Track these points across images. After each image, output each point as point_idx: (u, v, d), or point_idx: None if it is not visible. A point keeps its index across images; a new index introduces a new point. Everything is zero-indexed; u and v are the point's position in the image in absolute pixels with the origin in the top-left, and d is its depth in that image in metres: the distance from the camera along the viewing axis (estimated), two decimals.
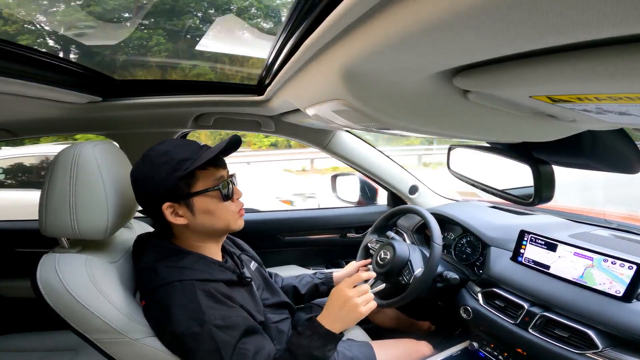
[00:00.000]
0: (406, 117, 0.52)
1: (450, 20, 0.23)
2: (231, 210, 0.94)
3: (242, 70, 1.46)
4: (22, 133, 1.46)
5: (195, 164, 0.85)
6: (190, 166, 0.85)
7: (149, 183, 0.87)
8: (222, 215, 0.92)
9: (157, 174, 0.86)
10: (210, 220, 0.91)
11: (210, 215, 0.91)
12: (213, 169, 0.90)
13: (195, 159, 0.86)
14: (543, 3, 0.18)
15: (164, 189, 0.86)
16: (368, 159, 1.71)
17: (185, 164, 0.85)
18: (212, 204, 0.91)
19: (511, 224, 1.31)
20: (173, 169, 0.85)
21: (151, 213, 0.92)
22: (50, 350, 1.50)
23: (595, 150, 0.61)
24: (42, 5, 1.10)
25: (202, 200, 0.89)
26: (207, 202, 0.90)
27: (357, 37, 0.35)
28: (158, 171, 0.86)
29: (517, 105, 0.41)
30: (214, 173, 0.90)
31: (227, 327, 0.83)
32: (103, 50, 1.32)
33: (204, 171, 0.89)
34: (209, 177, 0.90)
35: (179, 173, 0.85)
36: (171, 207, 0.88)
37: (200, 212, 0.90)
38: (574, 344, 0.91)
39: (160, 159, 0.86)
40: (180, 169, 0.85)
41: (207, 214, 0.91)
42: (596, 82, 0.26)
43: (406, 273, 1.23)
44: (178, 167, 0.85)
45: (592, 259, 0.96)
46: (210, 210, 0.91)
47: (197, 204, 0.89)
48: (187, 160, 0.86)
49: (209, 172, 0.90)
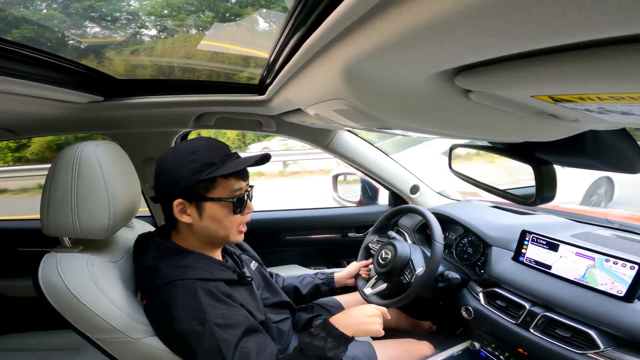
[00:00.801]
0: (407, 116, 0.52)
1: (452, 20, 0.23)
2: (237, 222, 0.95)
3: (244, 69, 1.46)
4: (24, 132, 1.46)
5: (220, 171, 0.86)
6: (214, 172, 0.86)
7: (171, 176, 0.88)
8: (227, 225, 0.93)
9: (181, 170, 0.87)
10: (214, 227, 0.92)
11: (216, 223, 0.92)
12: (234, 180, 0.91)
13: (222, 166, 0.87)
14: (545, 3, 0.18)
15: (183, 186, 0.87)
16: (369, 158, 1.71)
17: (210, 169, 0.86)
18: (222, 213, 0.91)
19: (513, 223, 1.31)
20: (197, 170, 0.86)
21: (161, 201, 0.93)
22: (52, 349, 1.51)
23: (597, 150, 0.61)
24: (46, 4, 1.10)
25: (213, 207, 0.90)
26: (218, 210, 0.91)
27: (359, 36, 0.34)
28: (183, 168, 0.87)
29: (518, 105, 0.40)
30: (234, 184, 0.91)
31: (228, 325, 0.83)
32: (105, 50, 1.32)
33: (225, 180, 0.90)
34: (228, 186, 0.91)
35: (202, 176, 0.86)
36: (182, 205, 0.89)
37: (207, 217, 0.91)
38: (575, 344, 0.91)
39: (189, 156, 0.87)
40: (204, 171, 0.86)
41: (213, 220, 0.91)
42: (598, 82, 0.26)
43: (407, 273, 1.23)
44: (203, 169, 0.86)
45: (593, 259, 0.96)
46: (218, 218, 0.91)
47: (207, 209, 0.90)
48: (213, 165, 0.87)
49: (229, 181, 0.90)
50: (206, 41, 1.27)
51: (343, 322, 0.96)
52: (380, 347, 1.17)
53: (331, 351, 0.90)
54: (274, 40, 0.79)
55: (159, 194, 0.92)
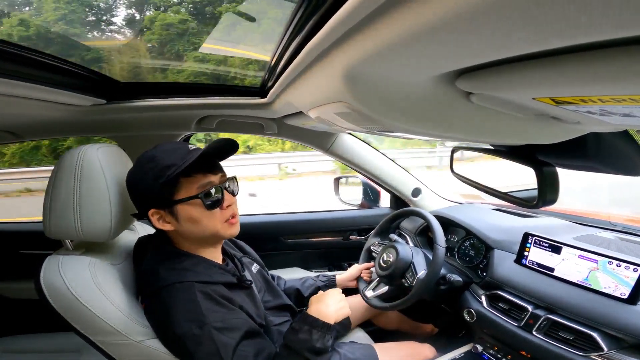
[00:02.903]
0: (409, 119, 0.52)
1: (452, 23, 0.23)
2: (218, 218, 0.90)
3: (246, 72, 1.47)
4: (26, 135, 1.47)
5: (178, 170, 0.82)
6: (172, 173, 0.82)
7: (137, 188, 0.88)
8: (208, 224, 0.89)
9: (143, 180, 0.85)
10: (195, 228, 0.89)
11: (195, 224, 0.89)
12: (200, 176, 0.87)
13: (180, 164, 0.83)
14: (546, 5, 0.18)
15: (150, 195, 0.86)
16: (371, 161, 1.71)
17: (169, 171, 0.83)
18: (196, 212, 0.88)
19: (515, 226, 1.30)
20: (157, 176, 0.83)
21: (143, 218, 0.92)
22: (54, 351, 1.51)
23: (599, 152, 0.61)
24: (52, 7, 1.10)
25: (185, 209, 0.87)
26: (191, 210, 0.87)
27: (360, 39, 0.35)
28: (144, 177, 0.85)
29: (520, 107, 0.40)
30: (200, 180, 0.87)
31: (226, 329, 0.83)
32: (108, 53, 1.32)
33: (189, 178, 0.86)
34: (194, 184, 0.87)
35: (162, 180, 0.83)
36: (157, 214, 0.88)
37: (184, 220, 0.88)
38: (578, 346, 0.90)
39: (148, 164, 0.85)
40: (163, 175, 0.83)
41: (191, 222, 0.88)
42: (600, 84, 0.26)
43: (409, 275, 1.22)
44: (161, 173, 0.83)
45: (596, 262, 0.95)
46: (194, 218, 0.88)
47: (180, 212, 0.87)
48: (171, 166, 0.83)
49: (194, 178, 0.87)
50: (208, 44, 1.27)
51: (323, 311, 0.96)
52: (382, 350, 1.17)
53: (318, 342, 0.90)
54: (275, 43, 0.80)
55: (138, 209, 0.92)
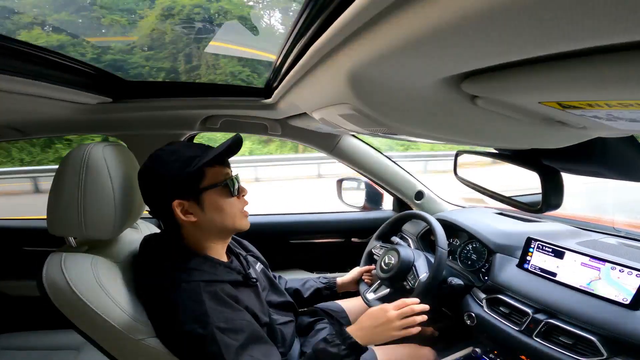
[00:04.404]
0: (413, 122, 0.52)
1: (459, 26, 0.23)
2: (238, 206, 0.97)
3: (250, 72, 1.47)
4: (32, 133, 1.48)
5: (205, 159, 0.88)
6: (199, 162, 0.88)
7: (160, 181, 0.89)
8: (230, 211, 0.95)
9: (168, 172, 0.88)
10: (219, 217, 0.94)
11: (219, 211, 0.93)
12: (219, 167, 0.94)
13: (204, 155, 0.89)
14: (553, 9, 0.18)
15: (175, 185, 0.88)
16: (374, 163, 1.71)
17: (195, 160, 0.88)
18: (221, 199, 0.93)
19: (518, 230, 1.29)
20: (184, 165, 0.88)
21: (160, 213, 0.93)
22: (54, 349, 1.51)
23: (605, 157, 0.60)
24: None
25: (211, 196, 0.92)
26: (216, 197, 0.92)
27: (365, 41, 0.34)
28: (169, 168, 0.88)
29: (526, 111, 0.40)
30: (221, 170, 0.94)
31: (230, 330, 0.83)
32: (115, 52, 1.33)
33: (211, 168, 0.92)
34: (217, 174, 0.93)
35: (190, 168, 0.87)
36: (181, 205, 0.90)
37: (209, 208, 0.92)
38: (578, 351, 0.90)
39: (170, 157, 0.89)
40: (190, 164, 0.88)
41: (216, 209, 0.93)
42: (607, 89, 0.26)
43: (411, 278, 1.22)
44: (188, 162, 0.88)
45: (599, 269, 0.95)
46: (219, 205, 0.93)
47: (206, 200, 0.91)
48: (196, 157, 0.89)
49: (216, 169, 0.93)
50: (215, 42, 1.28)
51: (360, 330, 1.00)
52: (382, 353, 1.16)
53: (343, 359, 0.93)
54: (281, 43, 0.80)
55: (153, 204, 0.93)
